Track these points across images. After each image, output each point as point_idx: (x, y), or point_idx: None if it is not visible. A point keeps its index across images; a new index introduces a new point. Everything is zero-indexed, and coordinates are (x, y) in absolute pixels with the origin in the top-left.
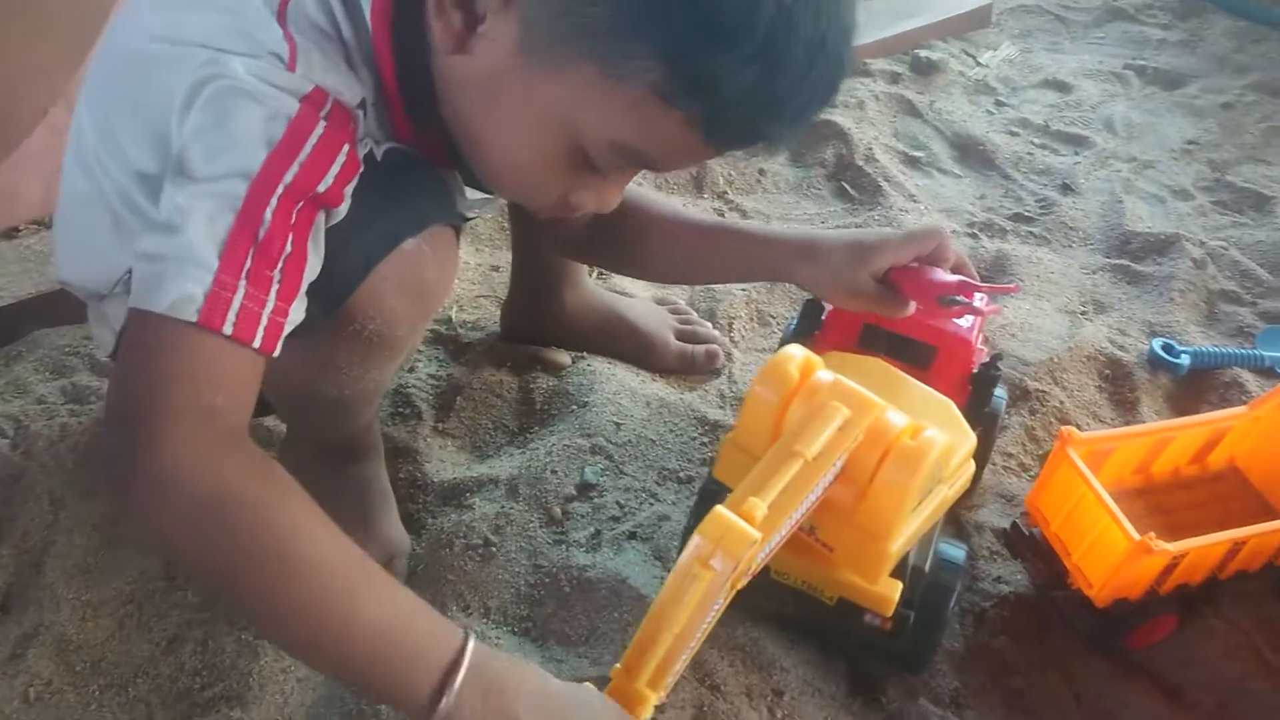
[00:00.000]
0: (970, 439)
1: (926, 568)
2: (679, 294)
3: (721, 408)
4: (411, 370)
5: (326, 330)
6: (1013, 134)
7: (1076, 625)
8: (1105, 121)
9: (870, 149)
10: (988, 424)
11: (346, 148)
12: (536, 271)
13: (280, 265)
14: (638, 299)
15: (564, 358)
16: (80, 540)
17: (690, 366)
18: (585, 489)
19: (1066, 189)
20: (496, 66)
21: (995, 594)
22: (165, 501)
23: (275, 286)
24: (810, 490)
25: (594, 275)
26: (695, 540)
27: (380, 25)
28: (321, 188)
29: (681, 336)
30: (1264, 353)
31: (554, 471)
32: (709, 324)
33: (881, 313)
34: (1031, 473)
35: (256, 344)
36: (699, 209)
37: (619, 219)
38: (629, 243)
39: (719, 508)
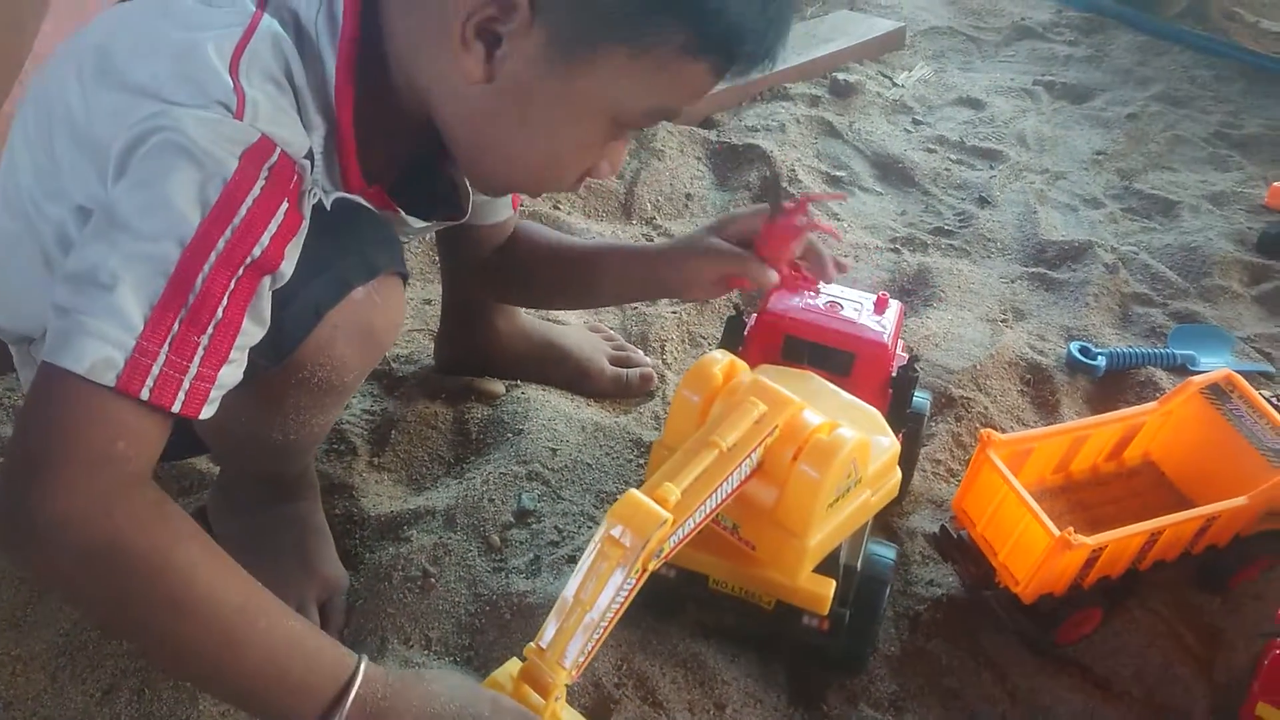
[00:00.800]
0: (895, 447)
1: (859, 566)
2: (609, 320)
3: (656, 429)
4: (346, 407)
5: (274, 376)
6: (930, 151)
7: (1007, 623)
8: (1018, 136)
9: (794, 170)
10: (911, 425)
11: (285, 205)
12: (469, 302)
13: (209, 332)
14: (570, 325)
15: (498, 386)
16: (8, 595)
17: (625, 390)
18: (523, 516)
19: (983, 202)
20: (522, 82)
21: (928, 597)
22: (56, 551)
23: (200, 353)
24: (724, 479)
25: None
26: (606, 520)
27: (345, 73)
28: (258, 251)
29: (615, 361)
30: (1176, 351)
31: (491, 500)
32: (640, 351)
33: (740, 272)
34: (959, 478)
35: (176, 408)
36: (626, 235)
37: (509, 250)
38: (519, 273)
39: (632, 490)
